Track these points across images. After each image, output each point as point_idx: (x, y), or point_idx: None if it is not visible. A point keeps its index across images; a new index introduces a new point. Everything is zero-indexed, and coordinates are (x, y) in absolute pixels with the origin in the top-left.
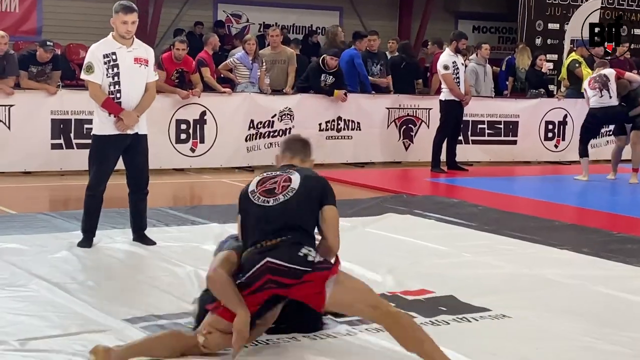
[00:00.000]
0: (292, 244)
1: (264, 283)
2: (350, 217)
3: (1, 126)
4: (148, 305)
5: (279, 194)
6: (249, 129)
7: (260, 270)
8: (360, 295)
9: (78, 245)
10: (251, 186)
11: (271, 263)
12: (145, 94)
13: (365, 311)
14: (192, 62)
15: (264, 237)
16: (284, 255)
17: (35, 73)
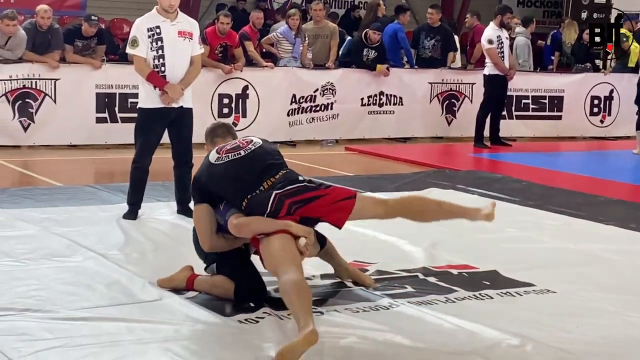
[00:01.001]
0: (288, 175)
1: (289, 207)
2: (393, 192)
3: (47, 100)
4: None
5: (244, 147)
6: (291, 103)
7: (277, 202)
8: (371, 199)
9: (123, 217)
10: (211, 159)
11: (281, 194)
12: (190, 67)
13: (378, 209)
14: (236, 37)
15: (256, 184)
16: (287, 183)
17: (81, 47)
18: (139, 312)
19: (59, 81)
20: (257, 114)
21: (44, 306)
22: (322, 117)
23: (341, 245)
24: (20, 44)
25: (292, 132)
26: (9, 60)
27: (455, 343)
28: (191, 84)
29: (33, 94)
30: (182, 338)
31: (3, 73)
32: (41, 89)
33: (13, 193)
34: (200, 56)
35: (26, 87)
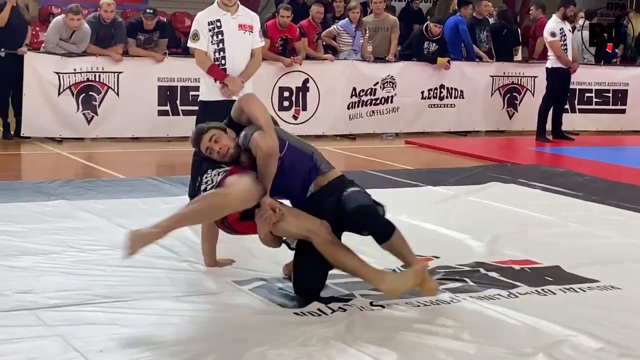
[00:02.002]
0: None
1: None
2: (453, 186)
3: (110, 93)
4: (254, 269)
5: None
6: (351, 96)
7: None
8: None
9: None
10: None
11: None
12: (251, 60)
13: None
14: (296, 30)
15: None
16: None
17: (143, 40)
18: (202, 303)
19: (121, 74)
20: (317, 107)
21: (108, 297)
22: (382, 110)
23: None
24: (84, 38)
25: (352, 125)
26: (73, 54)
27: (518, 339)
28: (251, 77)
29: (96, 87)
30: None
31: (67, 66)
32: (104, 82)
33: (77, 185)
34: (260, 49)
35: (90, 80)
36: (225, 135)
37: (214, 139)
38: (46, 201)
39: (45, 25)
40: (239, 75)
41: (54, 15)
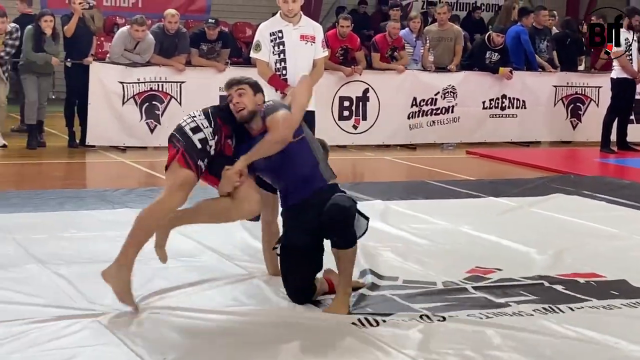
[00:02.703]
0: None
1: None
2: (516, 197)
3: (173, 102)
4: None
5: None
6: (411, 106)
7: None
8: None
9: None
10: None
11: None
12: (313, 71)
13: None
14: (357, 40)
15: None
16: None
17: (206, 51)
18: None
19: (184, 84)
20: (377, 116)
21: (172, 304)
22: (442, 120)
23: (463, 250)
24: (148, 49)
25: (413, 135)
26: (137, 64)
27: (584, 355)
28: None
29: (159, 96)
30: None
31: (132, 76)
32: (167, 91)
33: (140, 193)
34: (323, 59)
35: (153, 90)
36: (252, 96)
37: (239, 92)
38: (111, 209)
39: (109, 35)
40: None
41: (118, 26)
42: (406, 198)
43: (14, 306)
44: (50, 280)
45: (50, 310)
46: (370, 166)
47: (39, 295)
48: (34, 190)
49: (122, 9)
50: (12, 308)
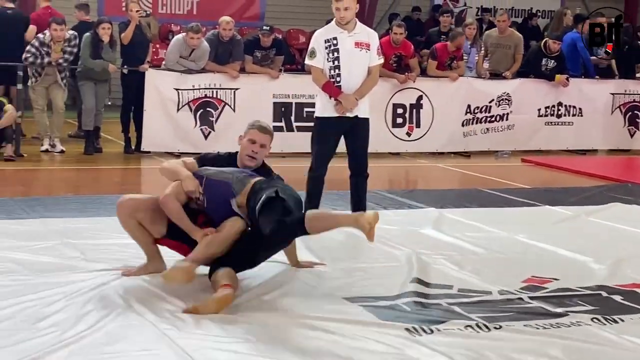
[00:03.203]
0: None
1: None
2: (572, 206)
3: (227, 109)
4: (366, 287)
5: None
6: (465, 113)
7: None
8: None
9: None
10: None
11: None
12: (367, 78)
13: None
14: (410, 47)
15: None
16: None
17: (260, 58)
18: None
19: (238, 91)
20: (431, 124)
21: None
22: (497, 128)
23: (518, 259)
24: (203, 56)
25: (467, 142)
26: (192, 71)
27: None
28: (367, 95)
29: (214, 103)
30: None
31: (186, 83)
32: (221, 98)
33: None
34: (377, 67)
35: (207, 97)
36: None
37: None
38: None
39: (165, 42)
40: (353, 93)
41: (173, 33)
42: (460, 206)
43: (79, 312)
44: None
45: (108, 315)
46: (423, 174)
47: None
48: (91, 195)
49: (177, 16)
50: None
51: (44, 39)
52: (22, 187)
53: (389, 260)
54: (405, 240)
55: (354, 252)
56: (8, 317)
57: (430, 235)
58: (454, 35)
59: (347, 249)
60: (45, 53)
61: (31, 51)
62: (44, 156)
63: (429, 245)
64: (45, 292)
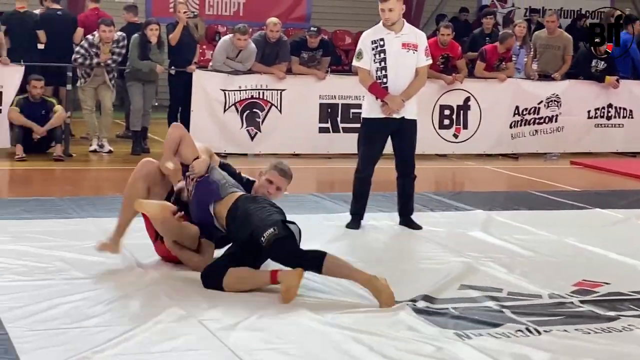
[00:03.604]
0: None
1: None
2: (623, 209)
3: (273, 110)
4: (415, 289)
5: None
6: (513, 115)
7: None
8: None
9: (346, 227)
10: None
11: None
12: (415, 79)
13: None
14: (458, 48)
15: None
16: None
17: (307, 59)
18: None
19: (284, 92)
20: (478, 125)
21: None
22: (546, 130)
23: (568, 263)
24: (250, 57)
25: (515, 144)
26: (239, 72)
27: None
28: (415, 96)
29: (260, 104)
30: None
31: (233, 84)
32: (268, 99)
33: None
34: (425, 68)
35: (254, 98)
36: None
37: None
38: None
39: (211, 43)
40: (400, 94)
41: (220, 34)
42: (509, 208)
43: (126, 310)
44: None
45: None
46: (471, 176)
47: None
48: None
49: (223, 17)
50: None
51: (93, 40)
52: (71, 186)
53: (436, 263)
54: (453, 243)
55: (399, 254)
56: (56, 317)
57: (478, 237)
58: (504, 37)
59: (393, 250)
60: (94, 54)
61: (80, 52)
62: (92, 156)
63: (477, 247)
64: (94, 291)
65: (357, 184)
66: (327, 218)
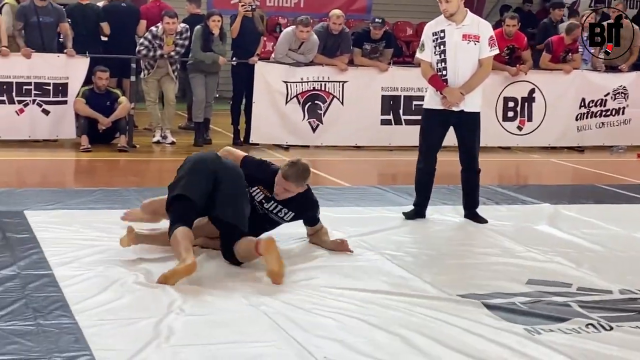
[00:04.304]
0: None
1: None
2: None
3: (335, 101)
4: (483, 283)
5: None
6: (579, 107)
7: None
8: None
9: (408, 218)
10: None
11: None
12: (477, 70)
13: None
14: (524, 39)
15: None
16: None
17: (369, 50)
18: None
19: (346, 83)
20: (543, 118)
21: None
22: (612, 122)
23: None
24: (312, 49)
25: (580, 137)
26: (301, 64)
27: None
28: (477, 88)
29: (322, 95)
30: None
31: (295, 76)
32: (330, 91)
33: None
34: (489, 59)
35: (316, 89)
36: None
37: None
38: None
39: (272, 35)
40: (460, 87)
41: (280, 26)
42: (575, 202)
43: (197, 301)
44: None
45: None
46: (535, 169)
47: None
48: None
49: (284, 9)
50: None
51: (157, 32)
52: (136, 177)
53: (503, 257)
54: (520, 237)
55: (465, 247)
56: (126, 307)
57: (545, 231)
58: (570, 28)
59: (458, 243)
60: (158, 46)
61: (144, 44)
62: (156, 147)
63: (545, 242)
64: None
65: (417, 175)
66: (390, 210)
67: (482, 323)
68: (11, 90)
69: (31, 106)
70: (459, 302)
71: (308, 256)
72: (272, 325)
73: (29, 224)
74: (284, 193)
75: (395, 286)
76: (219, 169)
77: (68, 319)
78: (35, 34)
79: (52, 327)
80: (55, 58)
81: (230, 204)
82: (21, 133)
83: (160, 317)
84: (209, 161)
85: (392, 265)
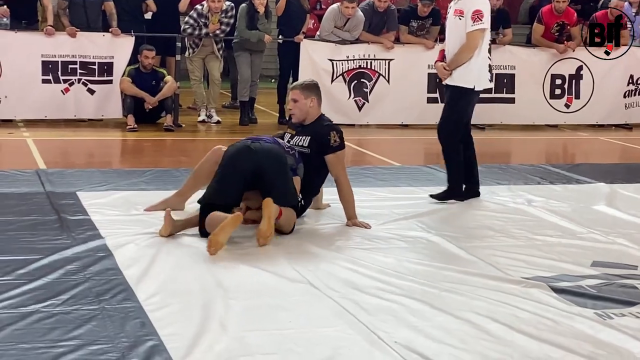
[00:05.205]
0: None
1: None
2: None
3: (381, 80)
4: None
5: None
6: (627, 84)
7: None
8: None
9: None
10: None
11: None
12: (462, 45)
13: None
14: (574, 14)
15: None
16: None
17: (415, 28)
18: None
19: (392, 61)
20: (591, 95)
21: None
22: None
23: None
24: (358, 26)
25: (628, 114)
26: (346, 41)
27: None
28: (464, 63)
29: (368, 74)
30: None
31: (341, 54)
32: (376, 69)
33: (354, 172)
34: (471, 34)
35: (361, 68)
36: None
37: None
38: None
39: (313, 13)
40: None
41: (321, 4)
42: (630, 181)
43: (257, 284)
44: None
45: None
46: (583, 147)
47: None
48: None
49: None
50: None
51: (202, 10)
52: (184, 157)
53: (564, 238)
54: (579, 217)
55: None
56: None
57: (604, 212)
58: None
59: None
60: (203, 24)
61: (189, 22)
62: (201, 126)
63: (605, 222)
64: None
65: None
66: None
67: (552, 306)
68: (57, 69)
69: (76, 85)
70: (526, 284)
71: (367, 236)
72: (336, 309)
73: (82, 205)
74: (293, 106)
75: (458, 269)
76: (251, 164)
77: (132, 303)
78: (80, 13)
79: (117, 312)
80: (101, 37)
81: (275, 186)
82: (67, 112)
83: (222, 300)
84: (242, 160)
85: (452, 246)
